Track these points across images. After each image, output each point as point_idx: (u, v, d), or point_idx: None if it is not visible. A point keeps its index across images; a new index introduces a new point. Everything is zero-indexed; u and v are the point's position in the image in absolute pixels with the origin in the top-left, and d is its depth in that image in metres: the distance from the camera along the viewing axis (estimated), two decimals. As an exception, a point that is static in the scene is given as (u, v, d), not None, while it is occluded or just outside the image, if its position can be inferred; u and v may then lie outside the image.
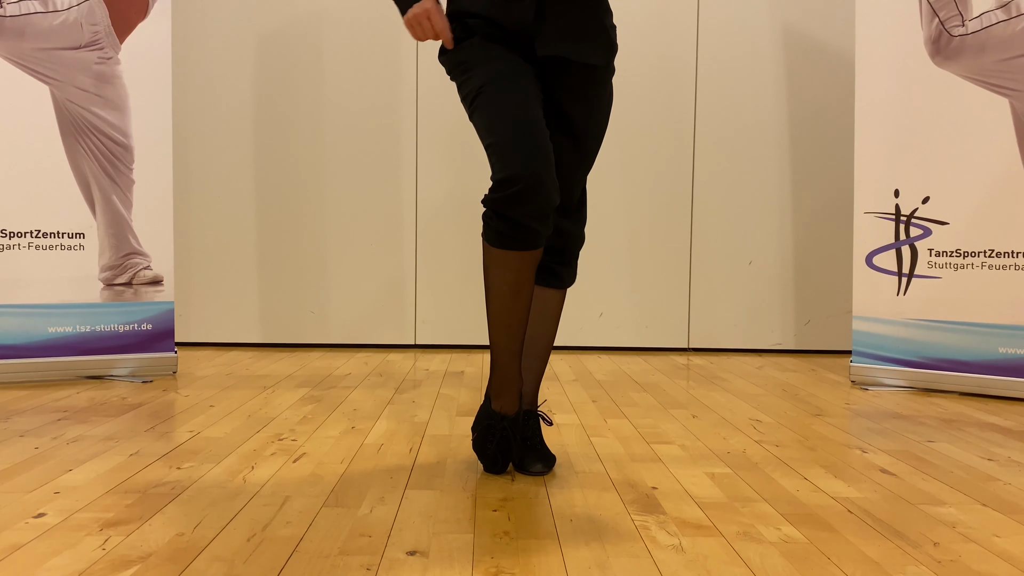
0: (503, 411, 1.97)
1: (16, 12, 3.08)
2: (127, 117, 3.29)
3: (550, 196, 1.79)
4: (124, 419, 2.55)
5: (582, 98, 1.97)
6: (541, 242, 1.85)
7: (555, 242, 2.07)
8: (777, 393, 3.17)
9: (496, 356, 1.96)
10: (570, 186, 2.03)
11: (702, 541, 1.57)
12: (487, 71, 1.86)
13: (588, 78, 1.96)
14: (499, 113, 1.82)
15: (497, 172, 1.79)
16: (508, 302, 1.89)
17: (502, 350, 1.94)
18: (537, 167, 1.77)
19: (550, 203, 1.80)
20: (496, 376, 1.98)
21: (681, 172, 4.29)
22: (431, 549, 1.51)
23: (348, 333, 4.28)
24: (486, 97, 1.84)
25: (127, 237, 3.30)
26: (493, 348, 1.96)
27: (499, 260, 1.86)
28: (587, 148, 2.02)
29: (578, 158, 2.02)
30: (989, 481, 2.00)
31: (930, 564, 1.47)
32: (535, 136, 1.79)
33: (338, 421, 2.58)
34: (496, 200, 1.80)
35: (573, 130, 1.99)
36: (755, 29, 4.25)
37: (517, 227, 1.81)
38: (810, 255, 4.31)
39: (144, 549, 1.49)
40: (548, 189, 1.79)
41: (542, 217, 1.81)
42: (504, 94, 1.83)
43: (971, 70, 3.13)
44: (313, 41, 4.22)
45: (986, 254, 3.14)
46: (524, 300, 1.90)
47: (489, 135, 1.83)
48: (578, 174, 2.04)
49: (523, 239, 1.82)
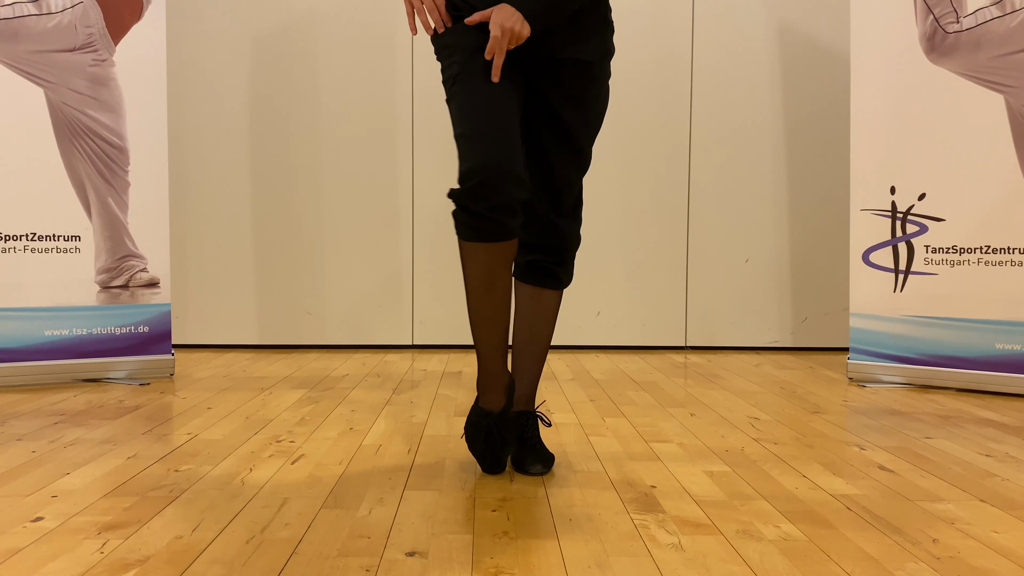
0: (488, 408, 1.97)
1: (10, 15, 3.08)
2: (122, 119, 3.28)
3: (512, 190, 1.79)
4: (122, 422, 2.55)
5: (572, 94, 1.95)
6: (510, 235, 1.84)
7: (551, 243, 2.06)
8: (775, 391, 3.17)
9: (478, 351, 1.95)
10: (562, 185, 2.02)
11: (701, 539, 1.57)
12: (468, 59, 1.86)
13: (578, 74, 1.95)
14: (470, 104, 1.82)
15: (461, 164, 1.80)
16: (481, 295, 1.89)
17: (482, 344, 1.93)
18: (500, 160, 1.77)
19: (512, 197, 1.79)
20: (480, 372, 1.97)
21: (677, 170, 4.29)
22: (430, 550, 1.51)
23: (345, 334, 4.27)
24: (461, 86, 1.85)
25: (123, 239, 3.30)
26: (475, 343, 1.95)
27: (469, 253, 1.87)
28: (578, 145, 2.00)
29: (569, 156, 2.00)
30: (987, 477, 2.00)
31: (929, 560, 1.47)
32: (502, 130, 1.80)
33: (336, 422, 2.58)
34: (460, 193, 1.81)
35: (564, 126, 1.97)
36: (750, 27, 4.25)
37: (482, 220, 1.81)
38: (807, 252, 4.32)
39: (143, 552, 1.49)
40: (510, 183, 1.78)
41: (507, 211, 1.80)
42: (478, 85, 1.83)
43: (966, 67, 3.13)
44: (308, 41, 4.21)
45: (982, 250, 3.14)
46: (498, 293, 1.89)
47: (458, 126, 1.84)
48: (570, 173, 2.02)
49: (490, 232, 1.82)
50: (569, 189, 2.04)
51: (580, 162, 2.03)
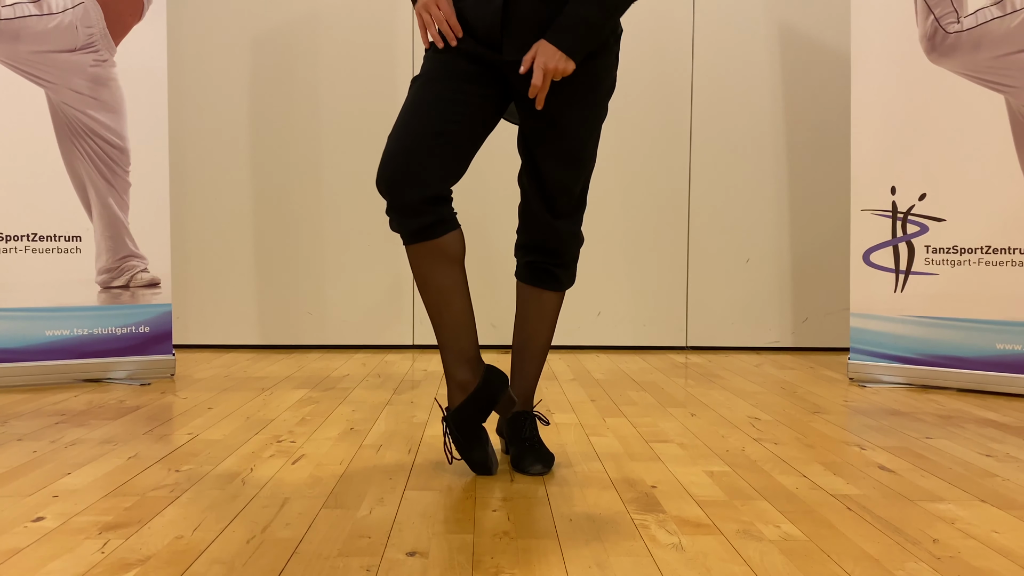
0: (446, 405, 1.96)
1: (11, 15, 3.08)
2: (123, 119, 3.29)
3: (407, 192, 1.84)
4: (122, 422, 2.55)
5: (557, 93, 1.93)
6: (429, 234, 1.88)
7: (549, 243, 2.05)
8: (775, 391, 3.17)
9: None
10: (554, 185, 2.00)
11: (702, 539, 1.58)
12: (433, 66, 1.92)
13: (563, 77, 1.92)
14: (404, 109, 1.90)
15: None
16: (422, 290, 1.94)
17: (438, 339, 1.96)
18: (398, 164, 1.84)
19: (410, 198, 1.84)
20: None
21: (678, 170, 4.29)
22: (431, 550, 1.51)
23: (346, 334, 4.28)
24: (411, 89, 1.93)
25: (124, 240, 3.30)
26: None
27: (408, 253, 1.93)
28: (571, 146, 1.97)
29: (564, 158, 1.97)
30: (987, 477, 2.00)
31: (929, 560, 1.47)
32: (414, 133, 1.85)
33: (337, 422, 2.58)
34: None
35: (554, 125, 1.95)
36: (751, 28, 4.25)
37: (395, 222, 1.90)
38: (807, 252, 4.32)
39: (143, 552, 1.49)
40: (406, 185, 1.83)
41: (410, 212, 1.86)
42: (423, 91, 1.90)
43: (966, 67, 3.13)
44: (309, 42, 4.21)
45: (983, 250, 3.14)
46: (432, 291, 1.92)
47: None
48: (565, 175, 1.99)
49: (409, 232, 1.88)
50: (563, 190, 2.01)
51: (576, 160, 1.99)
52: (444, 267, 1.91)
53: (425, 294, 1.94)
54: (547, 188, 2.01)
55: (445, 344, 1.95)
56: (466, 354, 1.95)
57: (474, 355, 1.96)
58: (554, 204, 2.02)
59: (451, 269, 1.92)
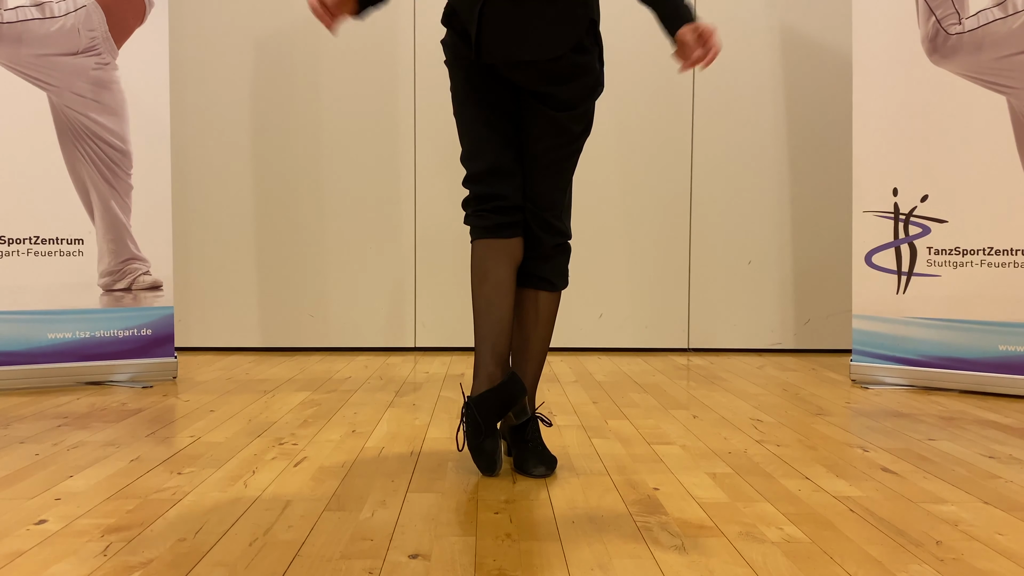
0: (471, 394, 1.98)
1: (14, 19, 3.08)
2: (125, 122, 3.29)
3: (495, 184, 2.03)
4: (124, 425, 2.55)
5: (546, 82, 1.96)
6: (501, 231, 2.02)
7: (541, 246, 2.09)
8: (778, 393, 3.17)
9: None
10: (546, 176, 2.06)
11: (704, 542, 1.57)
12: (457, 82, 2.06)
13: (546, 69, 1.94)
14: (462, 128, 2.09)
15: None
16: (478, 284, 2.04)
17: (476, 331, 2.05)
18: (484, 166, 2.04)
19: (497, 190, 2.02)
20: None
21: (680, 172, 4.29)
22: (433, 552, 1.51)
23: (348, 336, 4.28)
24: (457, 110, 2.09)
25: (126, 242, 3.30)
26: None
27: (472, 249, 2.08)
28: (565, 126, 2.01)
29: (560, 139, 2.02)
30: (990, 479, 2.00)
31: (932, 562, 1.47)
32: (487, 143, 2.04)
33: (339, 425, 2.58)
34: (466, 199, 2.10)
35: (549, 108, 1.99)
36: (752, 29, 4.26)
37: (474, 216, 2.07)
38: (809, 254, 4.31)
39: (145, 555, 1.49)
40: (491, 176, 2.03)
41: (495, 212, 2.04)
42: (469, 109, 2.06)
43: (968, 68, 3.13)
44: (310, 45, 4.22)
45: (985, 252, 3.14)
46: (489, 284, 2.03)
47: (461, 141, 2.11)
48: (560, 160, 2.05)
49: (484, 228, 2.05)
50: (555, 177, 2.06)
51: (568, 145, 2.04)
52: (506, 265, 2.03)
53: (480, 286, 2.03)
54: (540, 185, 2.06)
55: (485, 336, 2.01)
56: (499, 349, 2.01)
57: (506, 354, 2.03)
58: (545, 198, 2.07)
59: (511, 269, 2.03)
